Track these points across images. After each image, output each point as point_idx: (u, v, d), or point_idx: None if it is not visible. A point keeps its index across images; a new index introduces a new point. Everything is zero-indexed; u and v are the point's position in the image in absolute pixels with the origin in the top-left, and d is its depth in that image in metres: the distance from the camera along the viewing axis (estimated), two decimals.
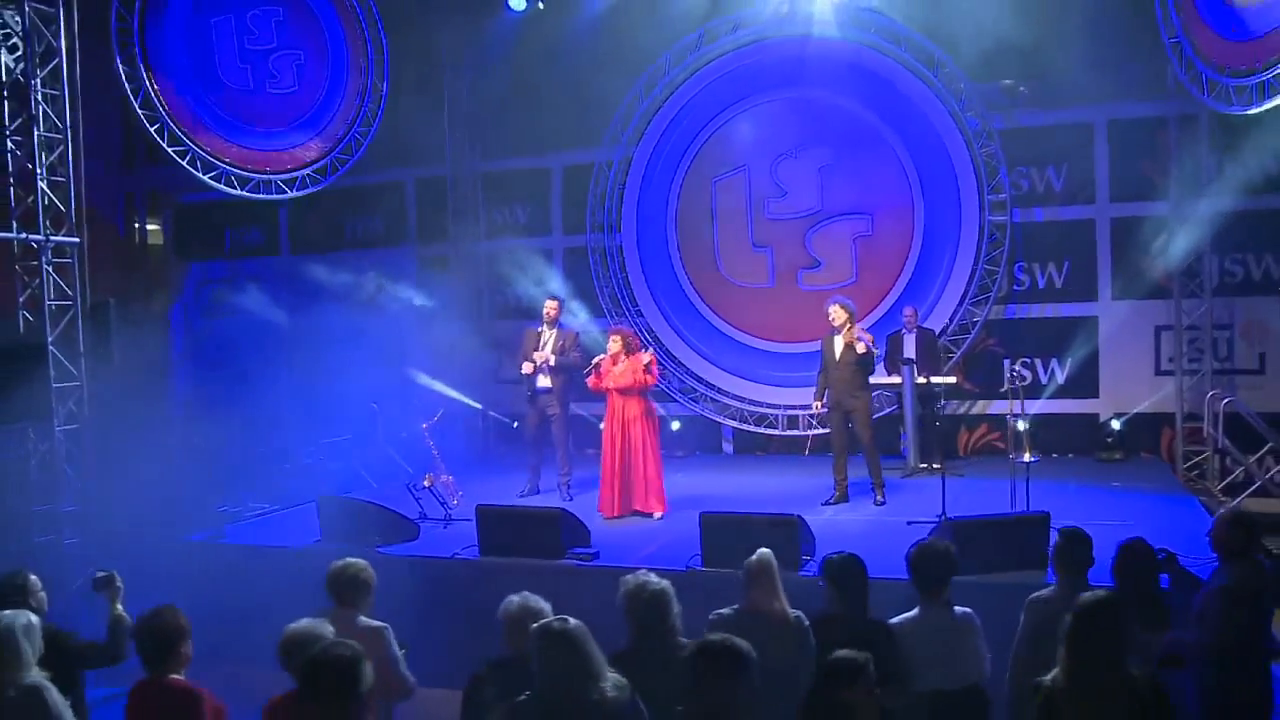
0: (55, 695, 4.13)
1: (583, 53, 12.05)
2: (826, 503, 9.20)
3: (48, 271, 8.18)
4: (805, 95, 11.95)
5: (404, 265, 13.50)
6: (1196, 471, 10.75)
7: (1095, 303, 11.56)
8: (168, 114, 9.42)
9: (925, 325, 11.18)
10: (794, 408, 12.08)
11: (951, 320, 11.57)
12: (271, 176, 10.32)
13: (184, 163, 9.57)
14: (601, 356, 8.94)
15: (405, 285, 12.79)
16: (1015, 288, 11.73)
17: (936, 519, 8.00)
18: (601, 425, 9.17)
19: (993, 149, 11.35)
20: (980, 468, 10.98)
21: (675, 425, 12.27)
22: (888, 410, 11.44)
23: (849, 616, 4.67)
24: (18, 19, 8.02)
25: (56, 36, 8.21)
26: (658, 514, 8.80)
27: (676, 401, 12.39)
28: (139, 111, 9.26)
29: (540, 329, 10.06)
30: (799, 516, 7.25)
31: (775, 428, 12.16)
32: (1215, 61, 7.91)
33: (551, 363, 9.84)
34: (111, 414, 8.58)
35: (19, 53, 8.06)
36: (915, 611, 4.68)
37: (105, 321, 8.59)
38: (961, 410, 11.90)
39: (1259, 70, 7.37)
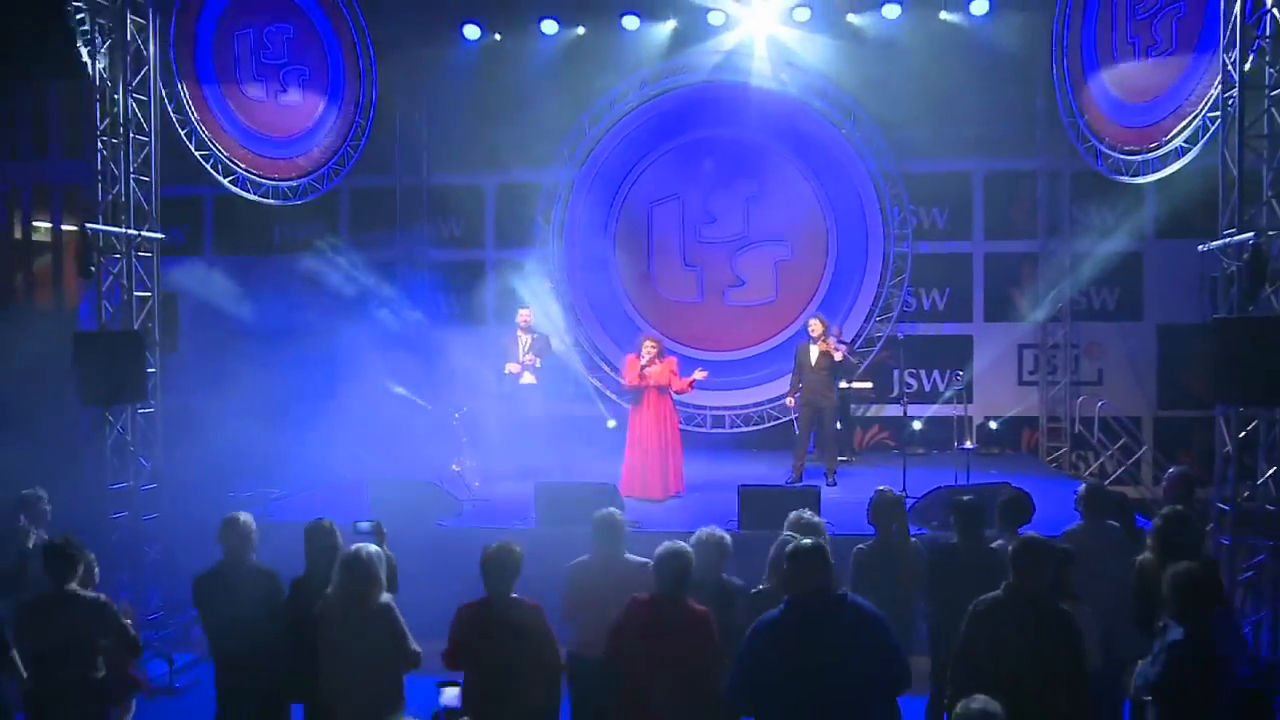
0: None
1: (532, 83, 13.62)
2: (789, 483, 11.06)
3: (136, 264, 8.97)
4: (736, 134, 13.92)
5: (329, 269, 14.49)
6: (1055, 464, 13.40)
7: (970, 323, 14.12)
8: (198, 120, 10.25)
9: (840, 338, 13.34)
10: (719, 409, 14.00)
11: (859, 335, 13.81)
12: (279, 183, 11.27)
13: (207, 166, 10.39)
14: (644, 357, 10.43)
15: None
16: (904, 309, 14.09)
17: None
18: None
19: (898, 190, 13.72)
20: (877, 459, 13.25)
21: (611, 424, 13.86)
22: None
23: (970, 548, 6.44)
24: (107, 24, 8.79)
25: (147, 45, 9.04)
26: (681, 492, 10.51)
27: (613, 402, 14.02)
28: (171, 115, 10.02)
29: (517, 334, 11.58)
30: (817, 488, 9.12)
31: (703, 426, 14.00)
32: (1109, 140, 10.40)
33: (536, 364, 11.38)
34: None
35: (107, 59, 8.82)
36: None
37: (173, 312, 9.42)
38: (858, 413, 14.13)
39: (1145, 150, 9.86)
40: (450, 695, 5.64)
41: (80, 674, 5.50)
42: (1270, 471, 7.76)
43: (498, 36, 13.67)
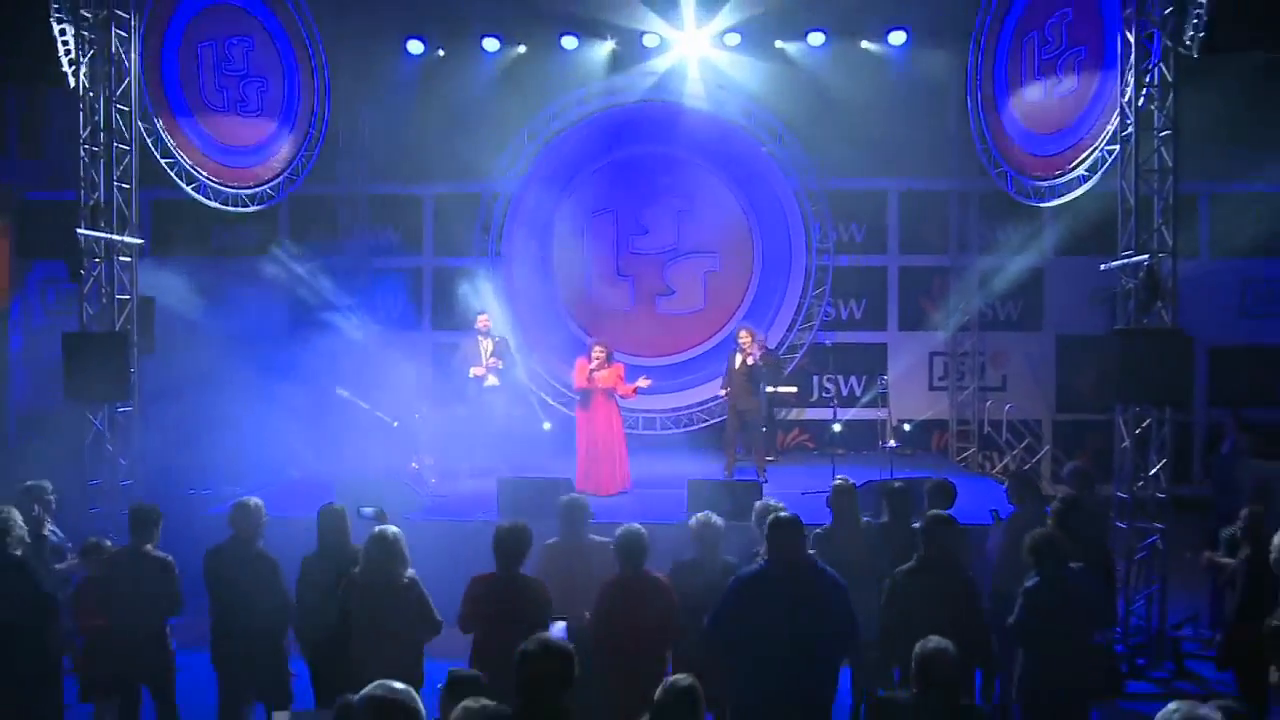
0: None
1: (474, 98, 14.32)
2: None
3: (118, 269, 9.46)
4: (669, 152, 14.83)
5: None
6: (964, 463, 14.57)
7: (885, 332, 15.26)
8: (163, 127, 10.72)
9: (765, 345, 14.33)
10: (650, 411, 14.87)
11: (783, 343, 14.82)
12: (239, 191, 11.77)
13: (172, 174, 10.85)
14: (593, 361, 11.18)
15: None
16: (824, 318, 15.15)
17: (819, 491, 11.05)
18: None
19: (820, 206, 14.78)
20: (801, 459, 14.25)
21: (546, 426, 14.60)
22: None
23: (900, 527, 7.47)
24: (90, 36, 9.27)
25: (128, 57, 9.54)
26: (627, 489, 11.29)
27: (548, 405, 14.76)
28: (138, 124, 10.49)
29: (477, 339, 12.28)
30: (759, 481, 10.05)
31: (635, 429, 14.83)
32: (1020, 167, 11.56)
33: (499, 366, 12.10)
34: None
35: (89, 69, 9.30)
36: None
37: (149, 315, 9.92)
38: (781, 416, 15.12)
39: (1051, 177, 11.03)
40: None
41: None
42: (1160, 464, 8.94)
43: (441, 52, 14.32)
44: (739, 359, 12.16)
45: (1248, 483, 9.40)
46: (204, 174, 11.25)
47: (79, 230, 9.21)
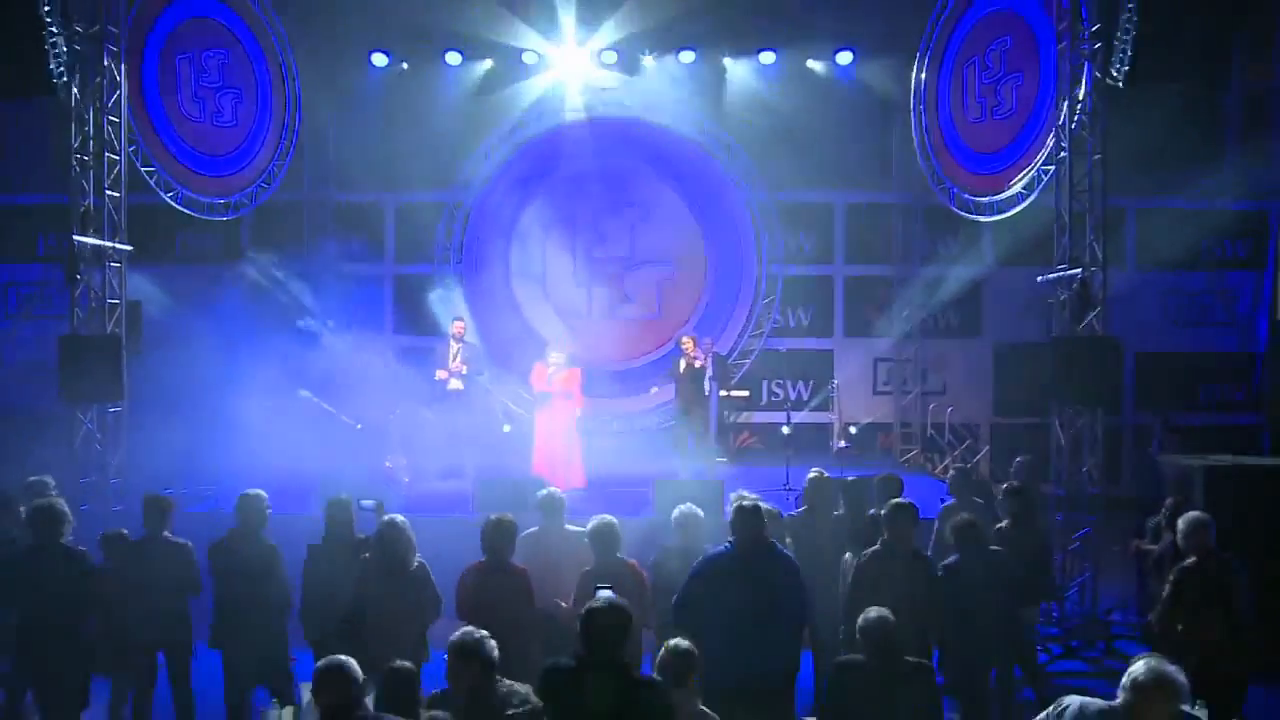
0: None
1: (436, 109, 14.88)
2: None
3: (109, 274, 9.89)
4: (626, 164, 15.52)
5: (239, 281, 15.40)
6: (908, 463, 15.40)
7: (831, 339, 16.07)
8: (144, 138, 11.16)
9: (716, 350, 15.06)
10: (603, 416, 15.46)
11: (735, 348, 15.56)
12: (214, 199, 12.22)
13: (151, 183, 11.30)
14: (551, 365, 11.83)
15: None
16: (773, 325, 15.93)
17: (784, 488, 11.81)
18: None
19: (771, 218, 15.57)
20: (750, 460, 14.96)
21: (506, 428, 15.16)
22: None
23: (856, 518, 8.19)
24: (83, 50, 9.72)
25: (119, 70, 10.00)
26: (581, 486, 11.89)
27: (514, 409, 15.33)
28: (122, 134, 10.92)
29: (450, 343, 12.85)
30: (720, 479, 10.74)
31: (590, 431, 15.43)
32: (962, 183, 12.42)
33: (463, 371, 12.66)
34: None
35: (80, 82, 9.75)
36: None
37: (137, 318, 10.36)
38: (730, 419, 15.85)
39: (991, 193, 11.89)
40: None
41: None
42: (1091, 462, 9.80)
43: (404, 65, 14.87)
44: (683, 363, 12.85)
45: (1170, 477, 10.29)
46: (180, 182, 11.71)
47: (74, 236, 9.60)
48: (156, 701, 7.28)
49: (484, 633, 4.21)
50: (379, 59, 14.72)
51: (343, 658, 4.37)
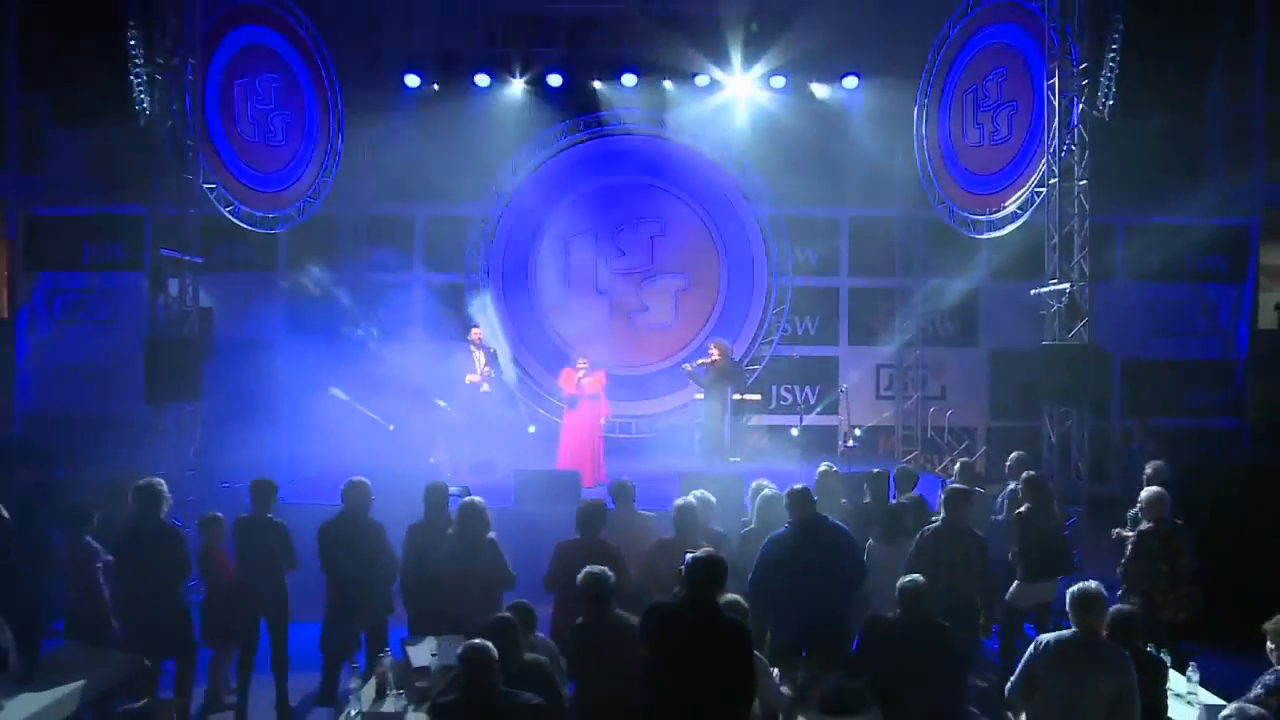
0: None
1: (465, 128, 16.03)
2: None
3: (188, 283, 11.02)
4: (644, 180, 16.71)
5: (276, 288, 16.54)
6: (908, 464, 16.52)
7: (837, 347, 17.25)
8: (206, 157, 12.26)
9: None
10: (626, 417, 16.65)
11: (747, 355, 16.73)
12: (267, 213, 13.33)
13: (212, 198, 12.41)
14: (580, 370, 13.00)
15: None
16: (781, 333, 17.09)
17: None
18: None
19: (780, 231, 16.76)
20: (762, 460, 16.04)
21: (531, 429, 16.28)
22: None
23: (880, 506, 9.36)
24: (166, 81, 10.86)
25: (190, 95, 11.16)
26: (605, 482, 13.00)
27: (536, 410, 16.46)
28: (185, 144, 11.99)
29: (471, 350, 13.97)
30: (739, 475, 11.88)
31: (611, 432, 16.57)
32: (960, 202, 13.61)
33: (491, 375, 13.80)
34: None
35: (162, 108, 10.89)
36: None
37: (209, 324, 11.47)
38: (743, 421, 16.97)
39: (988, 212, 13.07)
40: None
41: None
42: (1079, 458, 10.96)
43: (436, 86, 16.02)
44: (712, 369, 13.98)
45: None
46: (237, 198, 12.83)
47: (162, 250, 10.71)
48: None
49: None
50: (411, 80, 15.81)
51: (482, 641, 5.25)
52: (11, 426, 16.81)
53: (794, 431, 16.03)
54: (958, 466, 9.98)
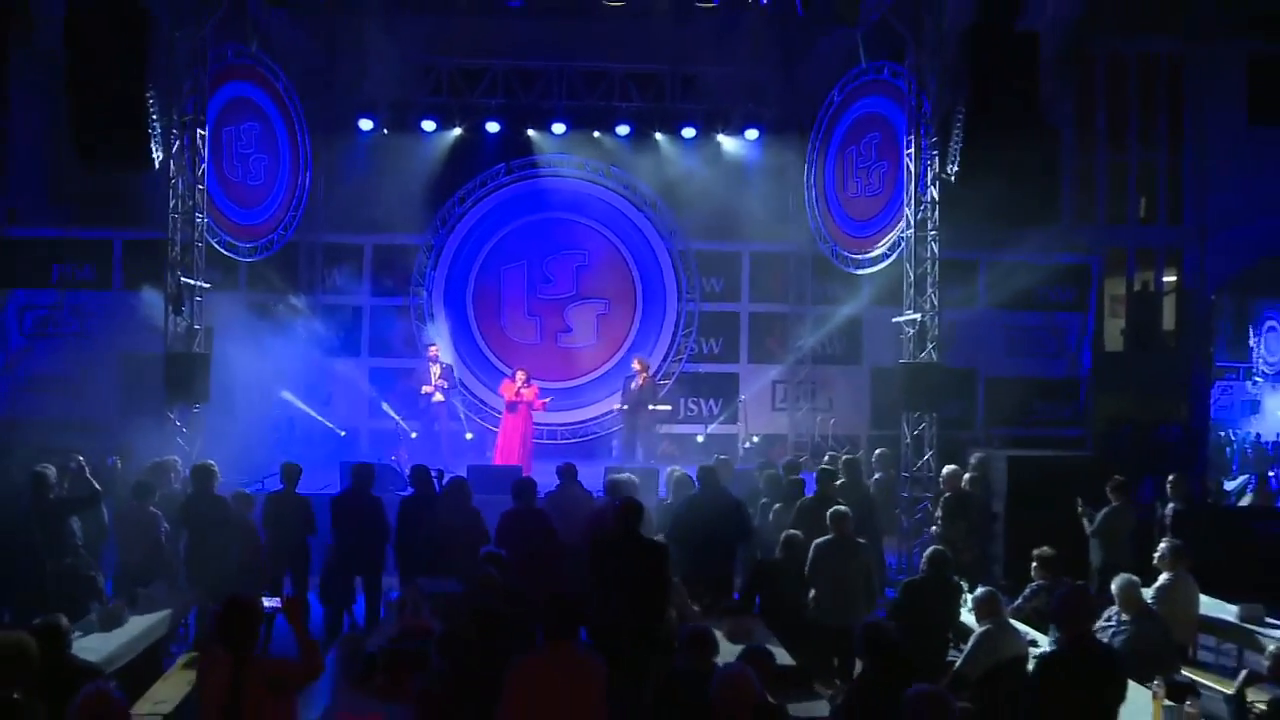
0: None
1: (411, 167, 18.71)
2: None
3: (197, 303, 13.48)
4: (570, 216, 19.54)
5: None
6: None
7: (737, 364, 20.20)
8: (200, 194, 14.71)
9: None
10: (551, 425, 19.36)
11: (659, 371, 19.57)
12: (244, 243, 15.77)
13: (204, 230, 14.84)
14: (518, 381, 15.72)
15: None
16: (689, 352, 19.99)
17: None
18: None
19: (689, 262, 19.70)
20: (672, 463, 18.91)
21: (469, 436, 18.88)
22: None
23: (855, 488, 12.29)
24: (179, 132, 13.32)
25: (205, 146, 13.65)
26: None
27: (473, 419, 19.08)
28: (196, 187, 14.37)
29: (428, 364, 16.61)
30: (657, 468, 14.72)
31: (539, 439, 19.27)
32: (841, 243, 16.62)
33: (445, 386, 16.44)
34: None
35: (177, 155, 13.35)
36: None
37: (210, 340, 13.92)
38: (653, 429, 19.80)
39: (864, 251, 16.08)
40: None
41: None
42: (929, 454, 13.99)
43: (386, 130, 18.63)
44: (634, 383, 16.82)
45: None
46: (223, 230, 15.27)
47: (181, 277, 13.16)
48: None
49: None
50: (365, 123, 18.41)
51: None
52: None
53: (699, 438, 18.95)
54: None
